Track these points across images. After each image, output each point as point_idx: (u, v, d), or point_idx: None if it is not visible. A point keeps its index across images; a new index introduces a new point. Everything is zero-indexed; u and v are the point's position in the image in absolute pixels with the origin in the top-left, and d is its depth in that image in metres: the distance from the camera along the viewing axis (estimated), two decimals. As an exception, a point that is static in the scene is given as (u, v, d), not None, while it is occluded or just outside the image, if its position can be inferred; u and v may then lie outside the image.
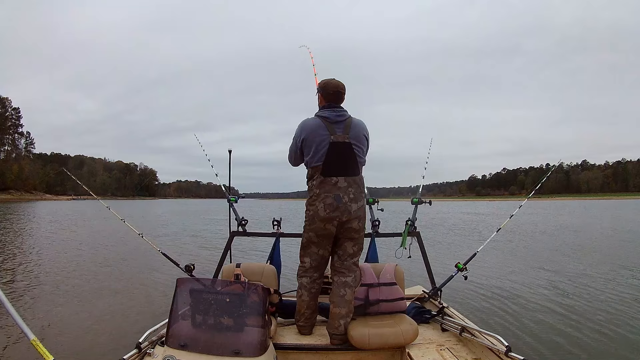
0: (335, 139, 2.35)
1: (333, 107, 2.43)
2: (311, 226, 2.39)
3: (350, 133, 2.38)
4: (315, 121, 2.41)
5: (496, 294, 5.58)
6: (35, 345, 1.49)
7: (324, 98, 2.47)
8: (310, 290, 2.49)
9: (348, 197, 2.34)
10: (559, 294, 5.61)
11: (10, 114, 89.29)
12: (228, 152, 3.55)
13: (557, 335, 3.98)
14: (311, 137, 2.37)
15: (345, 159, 2.36)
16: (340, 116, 2.40)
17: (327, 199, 2.32)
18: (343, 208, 2.32)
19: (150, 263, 7.75)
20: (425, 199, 3.37)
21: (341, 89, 2.45)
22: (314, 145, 2.36)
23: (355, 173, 2.39)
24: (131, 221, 3.62)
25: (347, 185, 2.34)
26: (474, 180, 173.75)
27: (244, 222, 3.22)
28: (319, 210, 2.33)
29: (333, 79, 2.48)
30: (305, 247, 2.49)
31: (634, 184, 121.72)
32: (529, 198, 3.83)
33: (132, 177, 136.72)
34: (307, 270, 2.50)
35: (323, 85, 2.47)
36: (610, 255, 9.25)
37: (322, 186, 2.34)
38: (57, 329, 4.13)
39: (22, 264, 7.96)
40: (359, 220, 2.39)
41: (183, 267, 3.03)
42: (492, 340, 2.15)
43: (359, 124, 2.44)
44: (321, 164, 2.34)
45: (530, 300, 5.31)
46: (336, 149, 2.34)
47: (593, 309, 4.88)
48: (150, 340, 2.06)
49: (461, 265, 3.09)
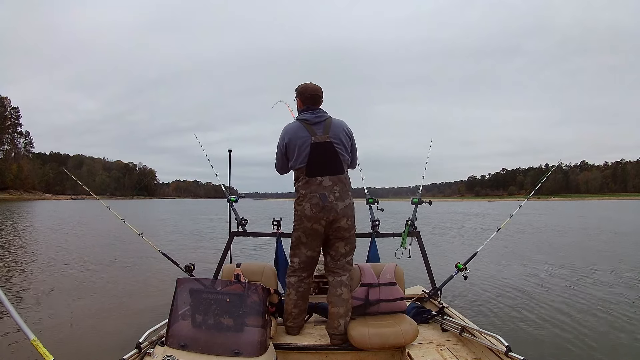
0: (316, 140, 2.40)
1: (311, 109, 2.48)
2: (299, 226, 2.44)
3: (330, 132, 2.43)
4: (295, 124, 2.47)
5: (496, 294, 5.59)
6: (35, 345, 1.48)
7: (302, 102, 2.53)
8: (298, 290, 2.52)
9: (334, 196, 2.37)
10: (559, 294, 5.61)
11: (10, 113, 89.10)
12: (228, 152, 3.55)
13: (557, 335, 3.99)
14: (293, 140, 2.42)
15: (328, 158, 2.40)
16: (319, 117, 2.46)
17: (312, 198, 2.36)
18: (329, 207, 2.36)
19: (150, 263, 7.75)
20: (425, 199, 3.38)
21: (318, 92, 2.51)
22: (296, 148, 2.41)
23: (340, 171, 2.42)
24: (131, 221, 3.62)
25: (332, 184, 2.38)
26: (473, 180, 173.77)
27: (244, 222, 3.22)
28: (306, 210, 2.38)
29: (310, 83, 2.54)
30: (295, 247, 2.53)
31: (633, 185, 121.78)
32: (528, 198, 3.83)
33: (131, 177, 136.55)
34: (296, 270, 2.53)
35: (301, 89, 2.52)
36: (610, 255, 9.26)
37: (307, 186, 2.39)
38: (57, 329, 4.12)
39: (22, 264, 7.95)
40: (347, 218, 2.42)
41: (183, 267, 3.03)
42: (492, 340, 2.15)
43: (339, 123, 2.50)
44: (305, 165, 2.39)
45: (530, 300, 5.32)
46: (318, 149, 2.39)
47: (593, 308, 4.88)
48: (150, 340, 2.06)
49: (461, 265, 3.09)
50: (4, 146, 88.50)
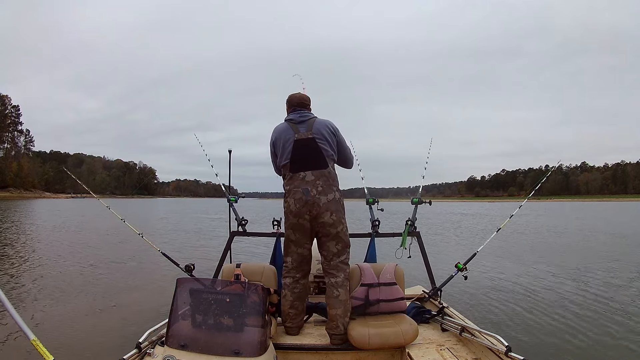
0: (299, 137, 2.47)
1: (297, 110, 2.58)
2: (287, 222, 2.49)
3: (313, 129, 2.49)
4: (282, 125, 2.57)
5: (496, 294, 5.59)
6: (35, 345, 1.48)
7: (290, 108, 2.63)
8: (293, 291, 2.53)
9: (316, 190, 2.40)
10: (559, 294, 5.61)
11: (10, 111, 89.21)
12: (228, 152, 3.55)
13: (557, 335, 3.99)
14: (279, 139, 2.51)
15: (310, 154, 2.46)
16: (304, 117, 2.54)
17: (296, 193, 2.41)
18: (312, 201, 2.39)
19: (150, 263, 7.75)
20: (425, 199, 3.38)
21: (304, 100, 2.63)
22: (281, 145, 2.50)
23: (323, 166, 2.46)
24: (130, 221, 3.62)
25: (314, 178, 2.42)
26: (473, 181, 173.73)
27: (244, 222, 3.22)
28: (290, 205, 2.43)
29: (298, 92, 2.68)
30: (286, 246, 2.56)
31: (633, 186, 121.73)
32: (528, 199, 3.83)
33: (131, 176, 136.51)
34: (290, 270, 2.54)
35: (289, 98, 2.64)
36: (611, 255, 9.26)
37: (291, 182, 2.45)
38: (57, 329, 4.12)
39: (22, 263, 7.95)
40: (331, 213, 2.42)
41: (183, 267, 3.03)
42: (492, 340, 2.15)
43: (322, 121, 2.56)
44: (289, 162, 2.46)
45: (530, 300, 5.32)
46: (300, 145, 2.45)
47: (593, 308, 4.88)
48: (150, 340, 2.06)
49: (461, 265, 3.09)
50: (5, 144, 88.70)
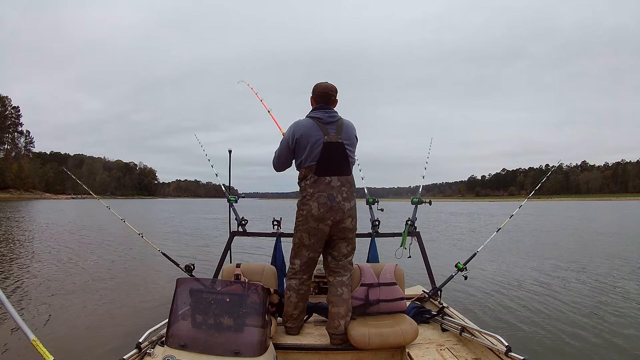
0: (329, 139, 2.39)
1: (324, 108, 2.47)
2: (304, 226, 2.42)
3: (342, 133, 2.43)
4: (308, 122, 2.44)
5: (496, 294, 5.58)
6: (35, 345, 1.49)
7: (315, 100, 2.52)
8: (299, 292, 2.52)
9: (341, 196, 2.38)
10: (559, 294, 5.61)
11: (10, 112, 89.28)
12: (228, 152, 3.55)
13: (557, 335, 3.98)
14: (305, 138, 2.40)
15: (338, 158, 2.41)
16: (332, 117, 2.46)
17: (320, 198, 2.35)
18: (337, 207, 2.36)
19: (150, 263, 7.75)
20: (425, 199, 3.38)
21: (330, 90, 2.48)
22: (308, 145, 2.39)
23: (348, 172, 2.44)
24: (131, 221, 3.62)
25: (340, 184, 2.38)
26: (473, 180, 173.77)
27: (244, 222, 3.22)
28: (313, 209, 2.36)
29: (325, 82, 2.52)
30: (297, 249, 2.51)
31: (634, 185, 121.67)
32: (528, 198, 3.83)
33: (132, 176, 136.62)
34: (297, 272, 2.52)
35: (314, 87, 2.52)
36: (611, 255, 9.25)
37: (315, 185, 2.37)
38: (57, 329, 4.12)
39: (22, 264, 7.94)
40: (352, 219, 2.44)
41: (183, 267, 3.03)
42: (492, 340, 2.15)
43: (350, 124, 2.51)
44: (315, 164, 2.38)
45: (530, 300, 5.31)
46: (330, 149, 2.39)
47: (593, 308, 4.88)
48: (150, 340, 2.06)
49: (461, 265, 3.09)
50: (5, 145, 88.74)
